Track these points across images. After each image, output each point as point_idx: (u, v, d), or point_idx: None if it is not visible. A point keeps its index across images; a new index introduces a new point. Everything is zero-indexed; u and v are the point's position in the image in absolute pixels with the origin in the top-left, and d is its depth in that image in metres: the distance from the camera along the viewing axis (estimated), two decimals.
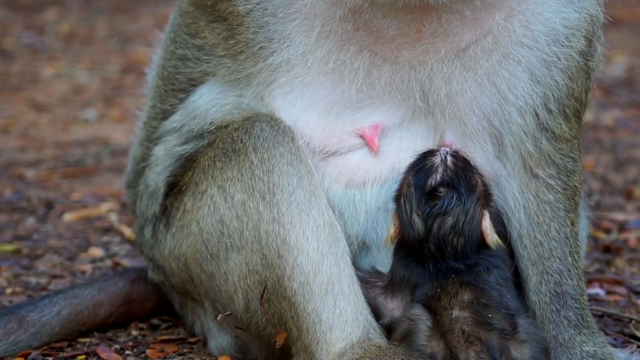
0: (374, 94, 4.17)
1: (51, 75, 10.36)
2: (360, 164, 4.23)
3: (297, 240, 4.05)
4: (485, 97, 4.17)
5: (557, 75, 4.18)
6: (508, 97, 4.16)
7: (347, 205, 4.23)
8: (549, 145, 4.23)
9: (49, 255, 5.87)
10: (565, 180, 4.28)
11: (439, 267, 4.08)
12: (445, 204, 4.05)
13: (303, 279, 4.04)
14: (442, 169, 4.07)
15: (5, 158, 7.84)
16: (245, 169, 4.13)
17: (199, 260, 4.29)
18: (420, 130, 4.23)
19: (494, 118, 4.19)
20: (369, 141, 4.21)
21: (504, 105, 4.17)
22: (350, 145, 4.22)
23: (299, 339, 4.09)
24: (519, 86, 4.15)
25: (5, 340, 4.62)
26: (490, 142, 4.23)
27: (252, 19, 4.18)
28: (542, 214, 4.26)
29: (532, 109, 4.17)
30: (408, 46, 4.12)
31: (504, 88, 4.15)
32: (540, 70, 4.16)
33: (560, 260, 4.25)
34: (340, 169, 4.23)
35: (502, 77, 4.15)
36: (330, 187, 4.22)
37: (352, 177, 4.23)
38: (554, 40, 4.16)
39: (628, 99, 9.22)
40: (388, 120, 4.22)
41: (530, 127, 4.19)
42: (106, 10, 13.08)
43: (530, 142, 4.20)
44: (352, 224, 4.23)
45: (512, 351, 3.94)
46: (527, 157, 4.23)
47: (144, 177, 4.57)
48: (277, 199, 4.07)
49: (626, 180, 7.12)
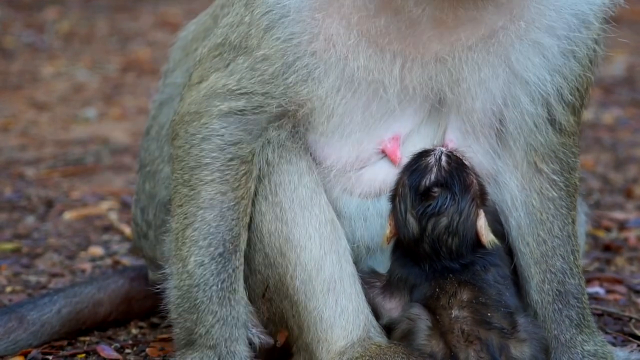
0: (396, 102, 4.09)
1: (51, 74, 10.36)
2: (376, 175, 4.17)
3: (300, 237, 4.04)
4: (504, 85, 4.09)
5: (574, 65, 4.11)
6: (528, 86, 4.08)
7: (357, 215, 4.18)
8: (555, 139, 4.17)
9: (49, 254, 5.87)
10: (567, 177, 4.24)
11: (434, 267, 4.07)
12: (439, 204, 4.05)
13: (305, 277, 4.04)
14: (437, 169, 4.06)
15: (5, 157, 7.84)
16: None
17: None
18: (429, 131, 4.19)
19: (508, 108, 4.12)
20: (390, 154, 4.14)
21: (521, 95, 4.09)
22: (370, 160, 4.17)
23: (300, 337, 4.09)
24: (540, 74, 4.07)
25: (6, 339, 4.62)
26: (495, 136, 4.19)
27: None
28: (545, 211, 4.23)
29: (546, 100, 4.10)
30: (438, 38, 4.01)
31: (525, 76, 4.07)
32: (560, 59, 4.09)
33: (563, 259, 4.23)
34: (354, 181, 4.18)
35: (525, 64, 4.07)
36: (339, 197, 4.17)
37: (367, 188, 4.17)
38: (579, 26, 4.08)
39: (628, 98, 9.23)
40: (406, 128, 4.16)
41: (542, 118, 4.13)
42: (106, 9, 13.08)
43: (539, 135, 4.14)
44: (363, 234, 4.19)
45: (511, 350, 3.94)
46: (532, 151, 4.17)
47: (147, 190, 4.65)
48: (280, 197, 4.07)
49: (626, 179, 7.13)
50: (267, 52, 3.99)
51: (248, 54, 4.03)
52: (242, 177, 4.04)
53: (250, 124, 4.04)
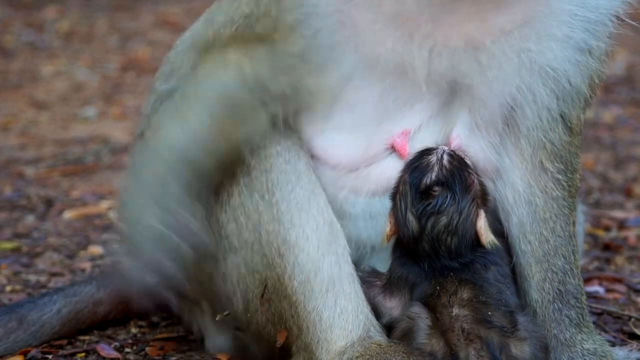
0: (424, 87, 4.03)
1: (51, 73, 10.37)
2: (384, 172, 4.15)
3: (298, 238, 4.04)
4: (525, 76, 4.04)
5: (591, 61, 4.08)
6: (547, 79, 4.05)
7: (364, 214, 4.17)
8: (563, 138, 4.16)
9: (49, 253, 5.87)
10: (570, 177, 4.23)
11: (434, 266, 4.07)
12: (439, 203, 4.05)
13: (303, 278, 4.04)
14: (438, 167, 4.06)
15: (5, 156, 7.84)
16: (242, 173, 4.10)
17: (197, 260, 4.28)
18: (438, 126, 4.16)
19: (526, 101, 4.07)
20: (399, 149, 4.12)
21: (540, 88, 4.05)
22: (381, 156, 4.16)
23: (299, 337, 4.09)
24: (561, 67, 4.04)
25: (5, 338, 4.62)
26: (503, 132, 4.18)
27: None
28: (549, 209, 4.22)
29: (562, 95, 4.07)
30: (473, 21, 3.94)
31: (547, 68, 4.03)
32: (579, 54, 4.05)
33: (565, 259, 4.22)
34: (362, 179, 4.17)
35: (547, 56, 4.02)
36: (346, 197, 4.15)
37: (374, 186, 4.15)
38: (598, 21, 4.05)
39: (628, 97, 9.23)
40: (416, 121, 4.13)
41: (557, 114, 4.11)
42: (106, 8, 13.08)
43: (551, 132, 4.11)
44: (370, 233, 4.18)
45: (512, 349, 3.94)
46: (540, 149, 4.15)
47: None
48: (277, 197, 4.06)
49: (626, 178, 7.13)
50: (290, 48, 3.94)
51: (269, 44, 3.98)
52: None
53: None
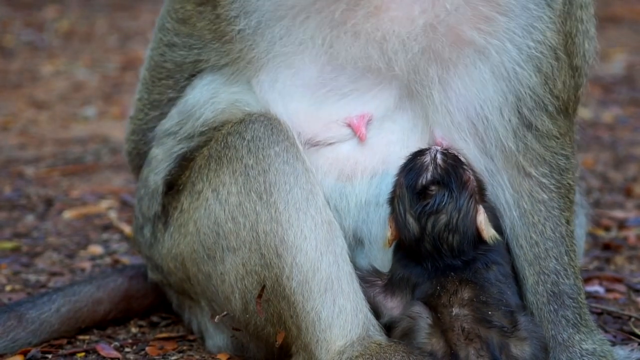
0: (361, 77, 4.13)
1: (51, 73, 10.36)
2: (350, 155, 4.20)
3: (296, 239, 4.04)
4: (466, 89, 4.11)
5: (531, 71, 4.10)
6: (503, 83, 4.10)
7: (339, 198, 4.20)
8: (537, 143, 4.17)
9: (49, 253, 5.87)
10: (558, 179, 4.24)
11: (437, 266, 4.07)
12: (437, 202, 4.05)
13: (302, 278, 4.03)
14: (432, 167, 4.07)
15: (4, 155, 7.84)
16: (240, 173, 4.09)
17: (196, 260, 4.28)
18: (409, 124, 4.20)
19: (474, 113, 4.13)
20: (356, 129, 4.19)
21: (483, 100, 4.11)
22: (339, 135, 4.20)
23: (299, 337, 4.09)
24: (513, 71, 4.08)
25: (5, 337, 4.62)
26: (473, 139, 4.19)
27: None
28: (536, 213, 4.23)
29: (510, 105, 4.11)
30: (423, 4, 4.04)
31: (500, 72, 4.09)
32: (515, 66, 4.08)
33: (556, 260, 4.22)
34: (332, 161, 4.20)
35: (501, 59, 4.08)
36: (322, 180, 4.19)
37: (343, 168, 4.20)
38: (527, 35, 4.08)
39: (627, 97, 9.22)
40: (375, 110, 4.19)
41: (512, 123, 4.13)
42: (106, 7, 13.08)
43: (512, 139, 4.14)
44: (345, 217, 4.21)
45: (512, 349, 3.94)
46: (511, 154, 4.17)
47: (144, 178, 4.57)
48: (275, 198, 4.06)
49: (626, 178, 7.12)
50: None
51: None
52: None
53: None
